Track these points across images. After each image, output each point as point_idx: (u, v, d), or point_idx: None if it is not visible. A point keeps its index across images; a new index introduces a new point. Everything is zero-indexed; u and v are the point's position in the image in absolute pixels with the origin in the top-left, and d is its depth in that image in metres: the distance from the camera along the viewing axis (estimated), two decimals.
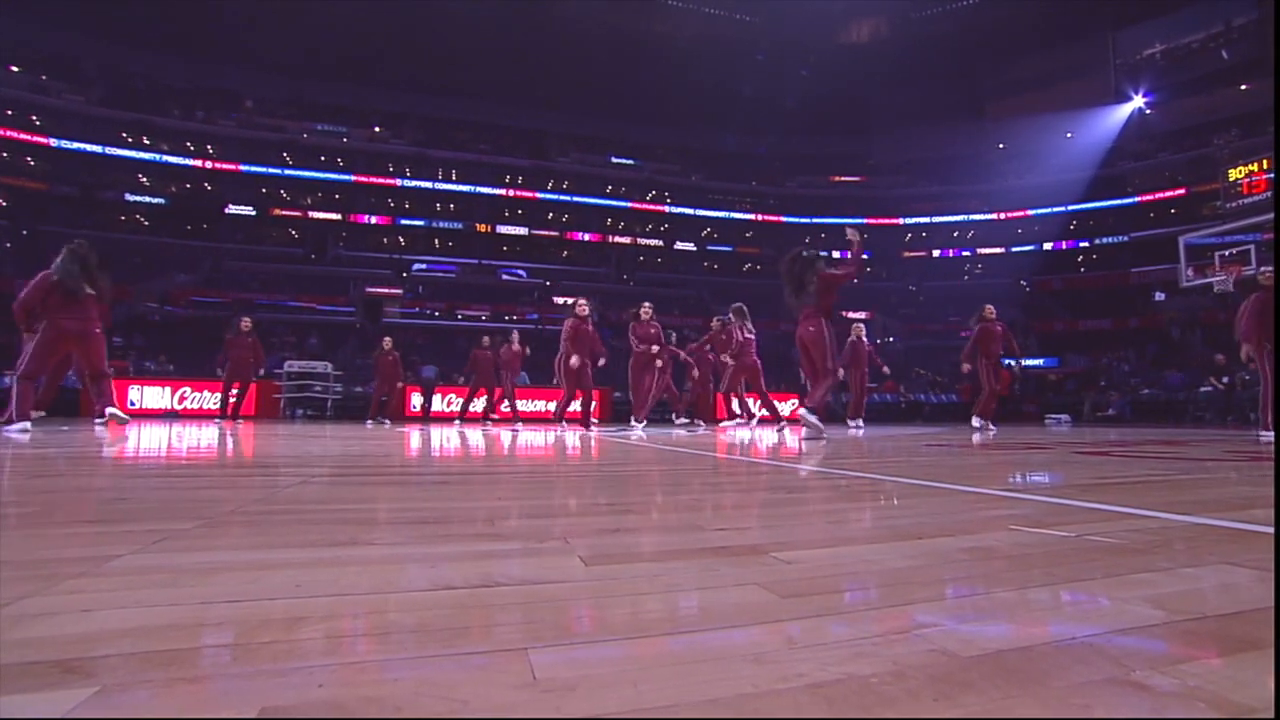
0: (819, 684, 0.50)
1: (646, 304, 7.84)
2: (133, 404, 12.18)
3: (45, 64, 26.17)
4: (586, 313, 7.36)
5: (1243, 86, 26.83)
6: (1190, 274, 16.46)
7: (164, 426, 7.21)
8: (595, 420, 9.45)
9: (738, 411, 8.42)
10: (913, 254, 34.36)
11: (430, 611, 0.69)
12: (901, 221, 34.44)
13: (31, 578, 0.79)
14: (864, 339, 9.34)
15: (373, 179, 30.71)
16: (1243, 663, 0.56)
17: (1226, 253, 15.66)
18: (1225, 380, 13.97)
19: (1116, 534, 1.14)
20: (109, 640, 0.59)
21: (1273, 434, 5.63)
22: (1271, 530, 1.17)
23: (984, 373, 8.11)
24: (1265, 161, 22.55)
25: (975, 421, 7.99)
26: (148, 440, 4.40)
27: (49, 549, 0.96)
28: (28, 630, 0.61)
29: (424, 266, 30.11)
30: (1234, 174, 23.58)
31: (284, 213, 29.71)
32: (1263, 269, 7.39)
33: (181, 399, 12.85)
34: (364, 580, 0.82)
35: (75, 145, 26.17)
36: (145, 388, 12.75)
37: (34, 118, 25.68)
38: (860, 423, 8.93)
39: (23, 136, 25.30)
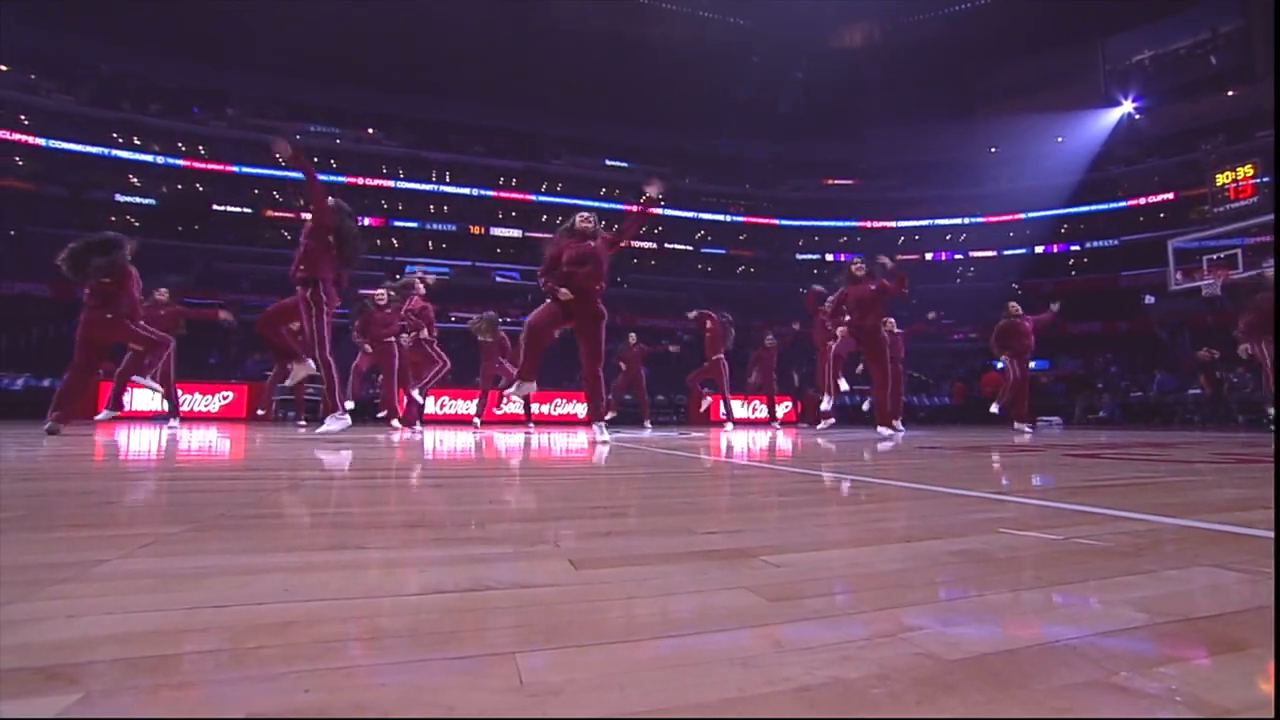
0: (805, 687, 0.50)
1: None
2: (123, 405, 12.03)
3: (34, 63, 25.94)
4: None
5: (1229, 93, 27.13)
6: (1179, 278, 16.63)
7: (155, 429, 7.16)
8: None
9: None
10: (906, 257, 34.45)
11: (420, 616, 0.69)
12: (894, 224, 34.58)
13: (16, 583, 0.78)
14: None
15: (365, 180, 30.61)
16: (1225, 664, 0.56)
17: (1214, 256, 15.81)
18: (1218, 374, 14.10)
19: (1104, 537, 1.15)
20: (94, 646, 0.58)
21: None
22: (1261, 532, 1.18)
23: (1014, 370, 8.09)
24: (1251, 167, 22.78)
25: (1028, 426, 7.87)
26: (138, 443, 4.36)
27: (34, 554, 0.95)
28: (11, 637, 0.61)
29: (417, 268, 30.04)
30: (1220, 179, 23.82)
31: (277, 214, 29.57)
32: None
33: None
34: (354, 584, 0.81)
35: (64, 145, 25.94)
36: (136, 390, 12.59)
37: (22, 117, 25.44)
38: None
39: (11, 136, 25.02)
